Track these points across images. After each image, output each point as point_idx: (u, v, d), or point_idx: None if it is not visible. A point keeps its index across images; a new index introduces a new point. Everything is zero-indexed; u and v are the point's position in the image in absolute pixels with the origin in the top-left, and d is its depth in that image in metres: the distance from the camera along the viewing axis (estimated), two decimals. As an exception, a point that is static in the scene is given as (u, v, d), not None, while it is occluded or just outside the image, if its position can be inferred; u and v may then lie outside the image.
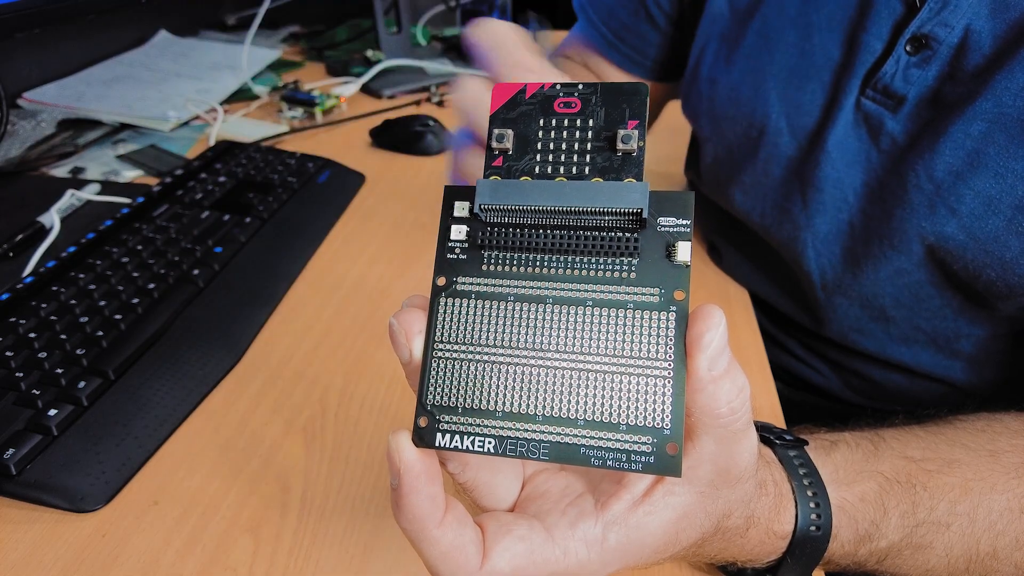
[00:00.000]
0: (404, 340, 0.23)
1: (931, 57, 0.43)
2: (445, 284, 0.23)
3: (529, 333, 0.22)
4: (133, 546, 0.36)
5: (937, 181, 0.43)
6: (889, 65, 0.45)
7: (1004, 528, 0.34)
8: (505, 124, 0.24)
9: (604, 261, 0.22)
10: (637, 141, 0.22)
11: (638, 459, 0.21)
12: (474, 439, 0.22)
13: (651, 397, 0.21)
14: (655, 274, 0.22)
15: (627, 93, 0.23)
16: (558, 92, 0.24)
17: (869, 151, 0.47)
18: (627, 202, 0.22)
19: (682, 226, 0.22)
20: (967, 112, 0.41)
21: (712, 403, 0.22)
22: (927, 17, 0.43)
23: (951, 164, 0.42)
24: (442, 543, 0.22)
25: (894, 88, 0.45)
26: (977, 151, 0.41)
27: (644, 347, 0.21)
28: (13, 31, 0.78)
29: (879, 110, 0.46)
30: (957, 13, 0.42)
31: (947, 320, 0.49)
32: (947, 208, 0.43)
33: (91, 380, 0.43)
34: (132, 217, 0.60)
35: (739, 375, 0.22)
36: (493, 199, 0.22)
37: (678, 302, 0.22)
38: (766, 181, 0.53)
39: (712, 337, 0.21)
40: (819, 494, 0.31)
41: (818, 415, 0.58)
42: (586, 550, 0.24)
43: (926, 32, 0.43)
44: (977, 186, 0.42)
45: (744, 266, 0.61)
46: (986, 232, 0.42)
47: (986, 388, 0.52)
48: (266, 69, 1.07)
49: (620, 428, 0.21)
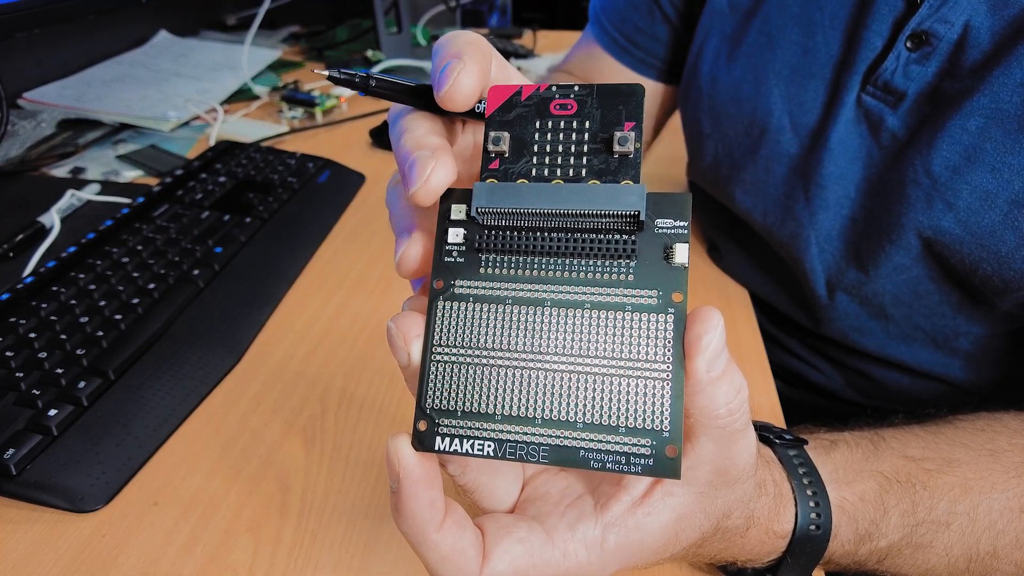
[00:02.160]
0: (402, 344, 0.23)
1: (931, 53, 0.43)
2: (443, 287, 0.23)
3: (527, 336, 0.22)
4: (133, 546, 0.36)
5: (934, 176, 0.43)
6: (889, 61, 0.45)
7: (1004, 527, 0.34)
8: (501, 127, 0.24)
9: (602, 263, 0.22)
10: (634, 143, 0.22)
11: (637, 461, 0.21)
12: (473, 442, 0.22)
13: (650, 399, 0.21)
14: (653, 276, 0.22)
15: (623, 94, 0.23)
16: (554, 94, 0.23)
17: (870, 147, 0.47)
18: (624, 204, 0.21)
19: (680, 228, 0.22)
20: (965, 108, 0.42)
21: (710, 404, 0.22)
22: (927, 13, 0.43)
23: (948, 159, 0.43)
24: (442, 547, 0.22)
25: (894, 84, 0.45)
26: (974, 146, 0.42)
27: (642, 349, 0.21)
28: (13, 31, 0.78)
29: (879, 106, 0.46)
30: (957, 9, 0.42)
31: (946, 318, 0.50)
32: (944, 203, 0.43)
33: (91, 380, 0.43)
34: (132, 217, 0.60)
35: (737, 376, 0.22)
36: (490, 202, 0.22)
37: (676, 304, 0.22)
38: (768, 179, 0.53)
39: (710, 339, 0.21)
40: (819, 493, 0.31)
41: (818, 415, 0.58)
42: (585, 552, 0.24)
43: (926, 28, 0.43)
44: (974, 181, 0.42)
45: (744, 265, 0.61)
46: (982, 226, 0.42)
47: (985, 386, 0.52)
48: (266, 69, 1.07)
49: (619, 430, 0.21)
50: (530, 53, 1.16)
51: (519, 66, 1.12)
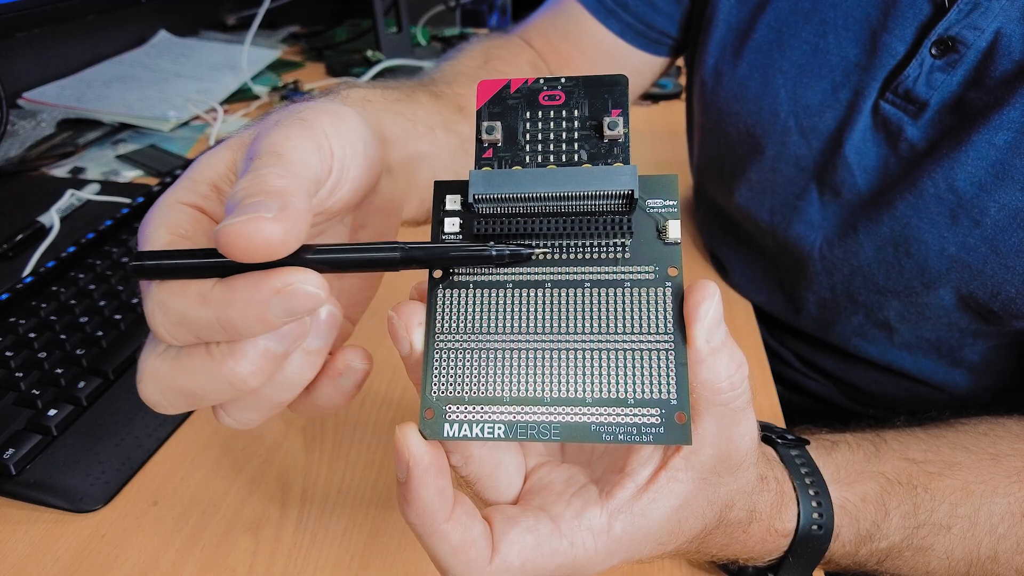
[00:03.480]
0: (404, 333, 0.23)
1: (957, 61, 0.41)
2: (442, 276, 0.23)
3: (530, 318, 0.23)
4: (133, 546, 0.36)
5: (959, 192, 0.41)
6: (912, 68, 0.43)
7: (1005, 532, 0.34)
8: (492, 118, 0.24)
9: (598, 243, 0.23)
10: (622, 128, 0.23)
11: (648, 431, 0.21)
12: (483, 426, 0.22)
13: (655, 370, 0.22)
14: (648, 253, 0.23)
15: (608, 84, 0.24)
16: (541, 86, 0.24)
17: (887, 157, 0.45)
18: (618, 184, 0.22)
19: (670, 206, 0.23)
20: (993, 121, 0.40)
21: (713, 377, 0.22)
22: (956, 19, 0.41)
23: (974, 174, 0.41)
24: (452, 538, 0.22)
25: (916, 93, 0.43)
26: (1003, 162, 0.40)
27: (644, 322, 0.22)
28: (13, 31, 0.78)
29: (899, 115, 0.44)
30: (988, 16, 0.40)
31: (952, 331, 0.48)
32: (971, 220, 0.41)
33: (91, 380, 0.43)
34: (132, 217, 0.60)
35: (737, 352, 0.23)
36: (487, 188, 0.23)
37: (672, 278, 0.23)
38: (774, 179, 0.52)
39: (708, 307, 0.21)
40: (821, 493, 0.31)
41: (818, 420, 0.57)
42: (592, 540, 0.24)
43: (954, 35, 0.41)
44: (1002, 199, 0.40)
45: (743, 274, 0.60)
46: (1009, 245, 0.41)
47: (986, 396, 0.52)
48: (266, 69, 1.07)
49: (628, 402, 0.22)
50: (530, 54, 1.16)
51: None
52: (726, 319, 0.22)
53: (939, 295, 0.46)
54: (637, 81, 0.64)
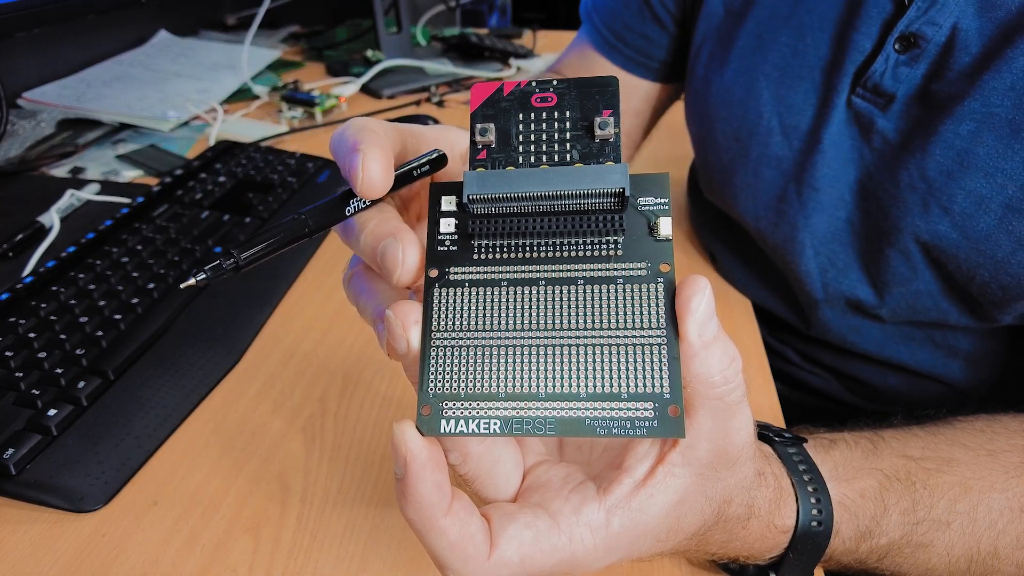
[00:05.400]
0: (401, 331, 0.23)
1: (919, 55, 0.43)
2: (438, 275, 0.24)
3: (525, 314, 0.23)
4: (133, 546, 0.36)
5: (930, 180, 0.43)
6: (878, 63, 0.45)
7: (1005, 527, 0.34)
8: (486, 119, 0.25)
9: (591, 241, 0.24)
10: (613, 128, 0.24)
11: (642, 424, 0.22)
12: (479, 422, 0.22)
13: (648, 364, 0.22)
14: (640, 250, 0.23)
15: (599, 86, 0.24)
16: (534, 88, 0.25)
17: (862, 149, 0.47)
18: (610, 182, 0.22)
19: (661, 204, 0.24)
20: (956, 112, 0.41)
21: (706, 371, 0.22)
22: (915, 15, 0.43)
23: (942, 163, 0.43)
24: (450, 533, 0.22)
25: (884, 86, 0.45)
26: (967, 151, 0.42)
27: (636, 318, 0.23)
28: (13, 31, 0.78)
29: (869, 108, 0.46)
30: (944, 12, 0.42)
31: (944, 321, 0.49)
32: (940, 207, 0.43)
33: (91, 380, 0.43)
34: (132, 217, 0.60)
35: (730, 345, 0.23)
36: (481, 189, 0.23)
37: (664, 274, 0.23)
38: (757, 183, 0.53)
39: (699, 302, 0.22)
40: (819, 490, 0.31)
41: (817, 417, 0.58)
42: (591, 536, 0.24)
43: (914, 30, 0.43)
44: (968, 186, 0.42)
45: (740, 271, 0.61)
46: (978, 231, 0.42)
47: (984, 388, 0.52)
48: (266, 69, 1.07)
49: (622, 397, 0.22)
50: (530, 53, 1.16)
51: (519, 66, 1.12)
52: (725, 317, 0.22)
53: (925, 283, 0.47)
54: (653, 107, 0.69)
